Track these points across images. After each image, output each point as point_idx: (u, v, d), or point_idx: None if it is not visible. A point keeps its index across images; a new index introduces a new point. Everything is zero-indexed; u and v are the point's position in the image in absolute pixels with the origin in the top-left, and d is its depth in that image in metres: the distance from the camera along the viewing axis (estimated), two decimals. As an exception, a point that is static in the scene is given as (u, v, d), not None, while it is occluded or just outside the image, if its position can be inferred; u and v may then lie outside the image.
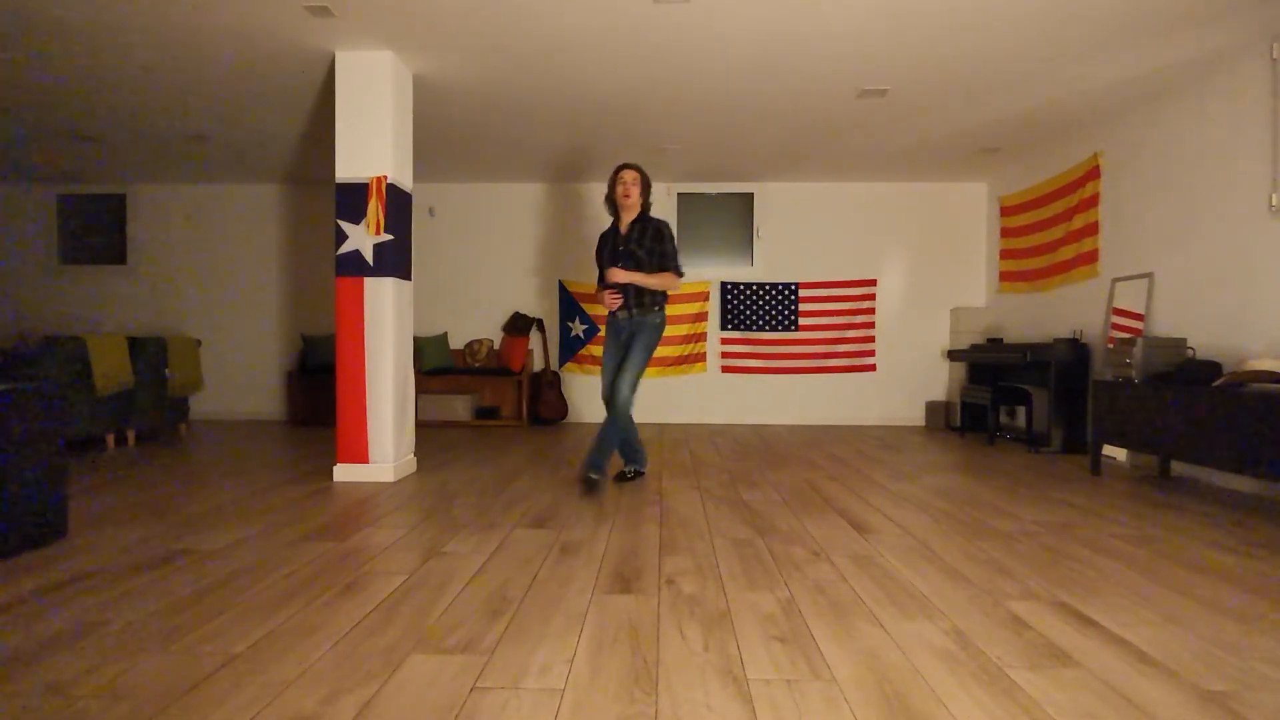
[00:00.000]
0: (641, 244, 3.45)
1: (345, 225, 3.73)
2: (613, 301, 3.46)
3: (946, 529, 2.77)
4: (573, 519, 2.92)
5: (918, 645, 1.67)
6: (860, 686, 1.47)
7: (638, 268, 3.44)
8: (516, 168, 6.17)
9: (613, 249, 3.51)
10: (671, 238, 3.51)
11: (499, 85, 4.22)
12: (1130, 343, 3.84)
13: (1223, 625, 1.81)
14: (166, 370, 5.31)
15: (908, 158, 5.77)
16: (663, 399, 6.71)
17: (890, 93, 4.31)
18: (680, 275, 3.52)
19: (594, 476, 3.31)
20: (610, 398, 3.39)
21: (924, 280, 6.62)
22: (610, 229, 3.58)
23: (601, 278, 3.57)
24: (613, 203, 3.54)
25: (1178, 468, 4.03)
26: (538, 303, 6.76)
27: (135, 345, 5.07)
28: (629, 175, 3.48)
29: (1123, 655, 1.62)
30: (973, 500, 3.31)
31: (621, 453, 3.69)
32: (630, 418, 3.49)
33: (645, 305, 3.48)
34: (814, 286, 6.62)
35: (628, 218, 3.51)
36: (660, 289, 3.48)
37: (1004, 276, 6.16)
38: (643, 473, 3.77)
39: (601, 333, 6.71)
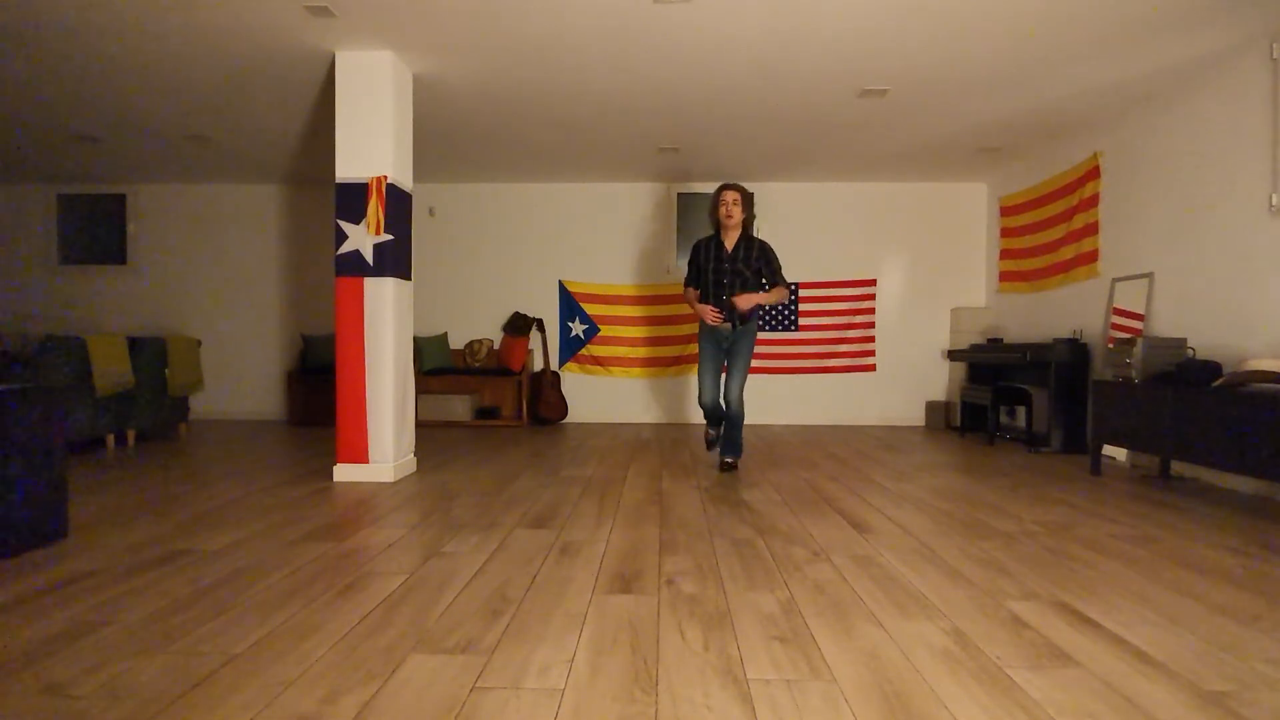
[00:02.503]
0: (749, 264, 3.78)
1: (345, 225, 3.73)
2: (715, 318, 3.75)
3: (946, 529, 2.77)
4: (573, 519, 2.92)
5: (918, 645, 1.67)
6: (860, 686, 1.47)
7: (743, 286, 3.78)
8: (516, 168, 6.17)
9: (717, 265, 3.79)
10: (775, 255, 3.88)
11: (499, 85, 4.22)
12: (1130, 343, 3.84)
13: (1223, 625, 1.81)
14: (166, 370, 5.31)
15: (908, 158, 5.77)
16: (663, 399, 6.71)
17: (890, 93, 4.31)
18: (789, 288, 3.98)
19: (730, 460, 3.97)
20: (721, 404, 3.85)
21: (924, 280, 6.62)
22: (709, 241, 3.85)
23: (701, 287, 3.88)
24: (715, 220, 3.84)
25: (1178, 468, 4.03)
26: (538, 303, 6.76)
27: (135, 345, 5.07)
28: (730, 196, 3.75)
29: (1123, 655, 1.62)
30: (973, 500, 3.31)
31: (725, 444, 4.00)
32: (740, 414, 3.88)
33: (747, 318, 3.83)
34: (814, 286, 6.62)
35: (732, 236, 3.81)
36: (777, 303, 3.91)
37: (1004, 276, 6.16)
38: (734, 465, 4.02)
39: (602, 332, 6.71)
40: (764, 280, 3.88)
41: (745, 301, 3.71)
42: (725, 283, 3.78)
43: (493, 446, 5.04)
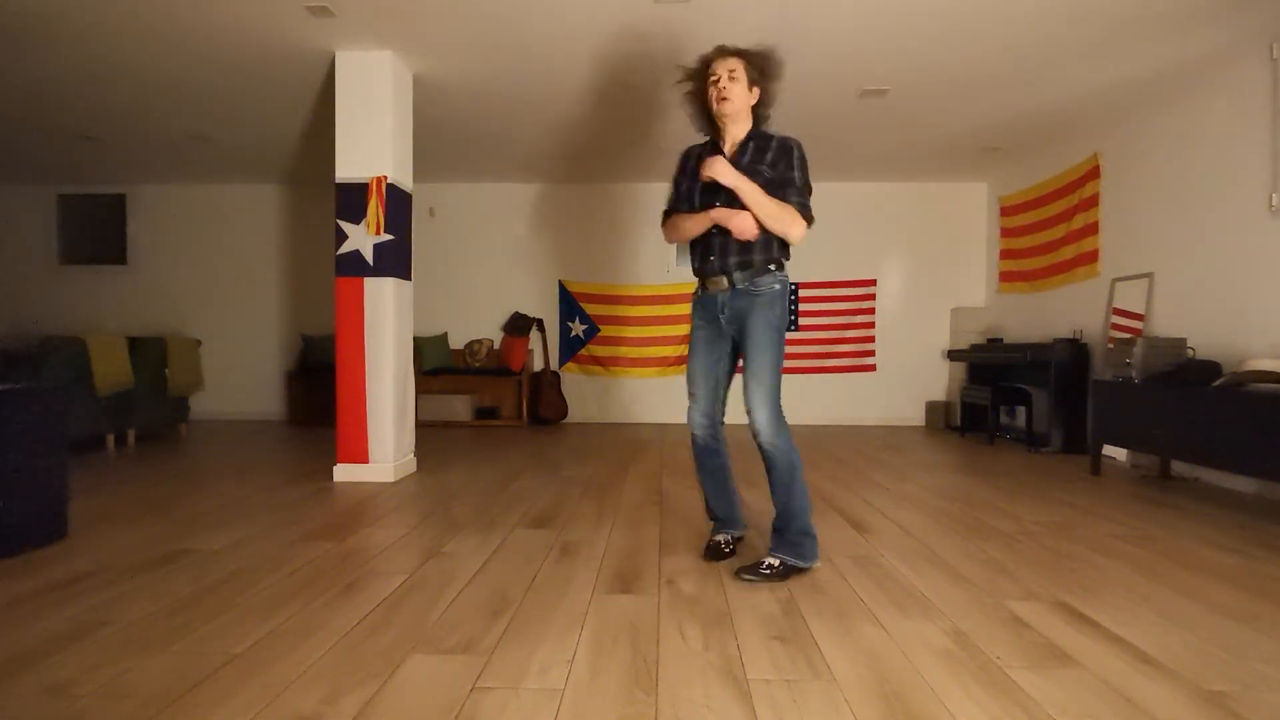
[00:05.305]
0: (756, 166, 2.12)
1: (345, 225, 3.73)
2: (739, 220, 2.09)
3: (946, 529, 2.77)
4: (573, 519, 2.92)
5: (918, 645, 1.67)
6: (860, 686, 1.47)
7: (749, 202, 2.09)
8: (516, 168, 6.16)
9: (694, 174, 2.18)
10: (804, 162, 2.15)
11: (499, 85, 4.22)
12: (1130, 343, 3.84)
13: (1223, 625, 1.81)
14: (166, 370, 5.31)
15: (908, 158, 5.77)
16: (663, 399, 6.70)
17: (890, 93, 4.30)
18: (808, 220, 2.12)
19: (776, 563, 2.13)
20: (751, 430, 2.16)
21: (924, 280, 6.61)
22: (703, 149, 2.26)
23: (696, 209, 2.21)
24: (701, 109, 2.23)
25: (1178, 468, 4.03)
26: (538, 303, 6.76)
27: (135, 345, 5.07)
28: (724, 67, 2.12)
29: (1123, 655, 1.62)
30: (973, 500, 3.31)
31: (712, 506, 2.44)
32: (722, 465, 2.37)
33: (755, 265, 2.14)
34: (814, 286, 6.62)
35: (733, 131, 2.18)
36: (775, 229, 2.10)
37: (1004, 276, 6.16)
38: (737, 541, 2.43)
39: (602, 332, 6.70)
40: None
41: (718, 166, 2.07)
42: (719, 203, 2.14)
43: (493, 446, 5.04)
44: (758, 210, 2.08)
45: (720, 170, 2.07)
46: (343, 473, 3.72)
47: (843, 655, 1.62)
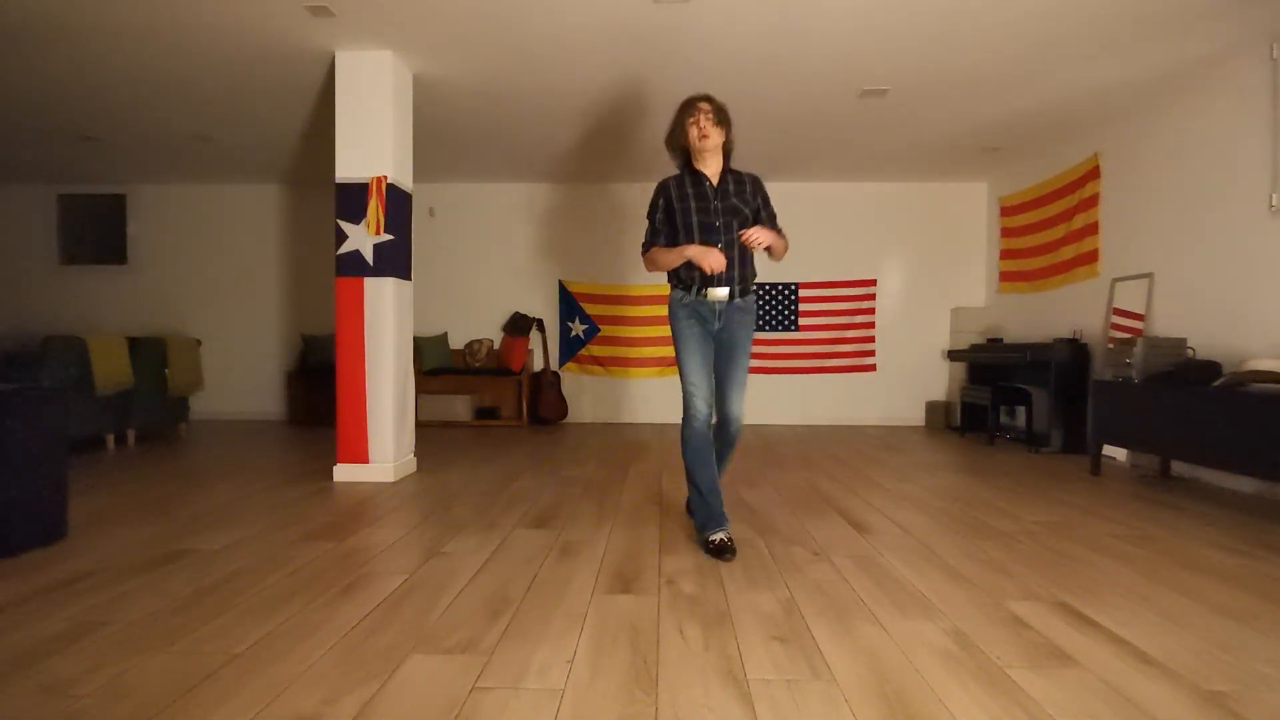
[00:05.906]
0: (744, 199, 2.59)
1: (345, 225, 3.73)
2: (719, 261, 2.44)
3: (946, 529, 2.77)
4: (573, 519, 2.92)
5: (918, 645, 1.67)
6: (860, 686, 1.47)
7: (741, 227, 2.55)
8: (516, 168, 6.16)
9: (701, 203, 2.56)
10: (769, 196, 2.73)
11: (499, 85, 4.22)
12: (1130, 343, 3.84)
13: (1223, 625, 1.81)
14: (166, 370, 5.31)
15: (908, 158, 5.76)
16: (663, 399, 6.71)
17: (890, 93, 4.31)
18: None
19: (719, 538, 2.43)
20: (725, 419, 2.60)
21: (924, 280, 6.61)
22: (681, 177, 2.66)
23: (678, 240, 2.59)
24: (682, 147, 2.66)
25: (1178, 468, 4.03)
26: (538, 303, 6.76)
27: (135, 345, 5.07)
28: (704, 107, 2.59)
29: (1123, 655, 1.62)
30: (973, 500, 3.31)
31: (710, 502, 2.53)
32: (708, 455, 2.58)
33: (748, 283, 2.61)
34: (814, 286, 6.62)
35: (711, 164, 2.63)
36: (782, 255, 2.63)
37: (1004, 276, 6.16)
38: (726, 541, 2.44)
39: (602, 332, 6.70)
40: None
41: (763, 234, 2.43)
42: (718, 225, 2.52)
43: (493, 446, 5.04)
44: (781, 251, 2.59)
45: (764, 237, 2.45)
46: (343, 473, 3.72)
47: (843, 655, 1.62)
